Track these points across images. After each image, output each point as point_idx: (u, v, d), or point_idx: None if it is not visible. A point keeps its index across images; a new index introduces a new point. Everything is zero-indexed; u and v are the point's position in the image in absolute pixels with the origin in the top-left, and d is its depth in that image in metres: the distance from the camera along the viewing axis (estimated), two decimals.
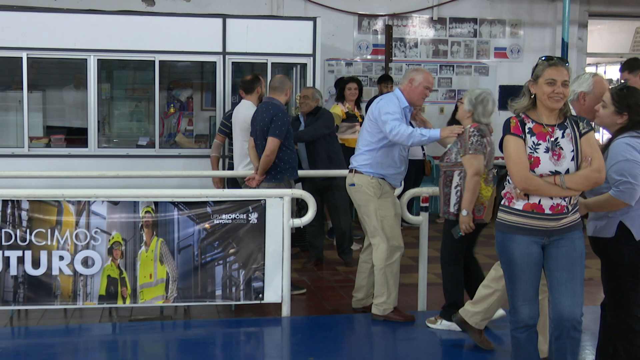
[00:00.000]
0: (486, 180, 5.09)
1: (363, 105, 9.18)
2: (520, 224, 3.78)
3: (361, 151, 5.61)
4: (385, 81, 9.48)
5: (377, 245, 5.51)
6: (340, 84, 8.91)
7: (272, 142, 6.01)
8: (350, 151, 7.10)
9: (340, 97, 8.77)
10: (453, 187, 5.10)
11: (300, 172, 6.88)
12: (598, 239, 4.02)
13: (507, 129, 3.79)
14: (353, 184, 5.59)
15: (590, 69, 12.73)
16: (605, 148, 3.98)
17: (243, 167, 6.85)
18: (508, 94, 10.78)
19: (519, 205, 3.78)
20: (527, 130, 3.76)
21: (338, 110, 8.52)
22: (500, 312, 5.33)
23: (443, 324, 5.28)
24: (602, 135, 8.12)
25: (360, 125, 8.58)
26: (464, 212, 4.99)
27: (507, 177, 3.88)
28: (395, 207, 5.60)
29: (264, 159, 6.05)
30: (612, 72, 12.23)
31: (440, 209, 5.35)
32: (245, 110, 6.80)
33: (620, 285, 3.96)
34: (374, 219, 5.50)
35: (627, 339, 3.95)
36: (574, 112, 4.24)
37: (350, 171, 5.65)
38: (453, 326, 5.22)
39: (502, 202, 3.90)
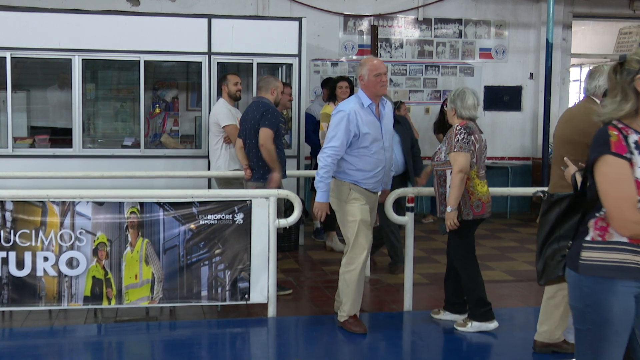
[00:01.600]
0: (479, 176, 5.17)
1: None
2: (630, 262, 2.75)
3: None
4: None
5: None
6: (331, 83, 8.86)
7: (263, 132, 6.00)
8: None
9: (331, 97, 8.73)
10: (447, 186, 5.15)
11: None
12: None
13: (604, 145, 2.69)
14: None
15: (574, 70, 12.83)
16: None
17: (214, 163, 7.20)
18: (493, 94, 10.99)
19: (623, 237, 2.75)
20: (633, 146, 2.69)
21: (329, 110, 8.43)
22: None
23: (474, 326, 5.21)
24: None
25: None
26: (448, 209, 5.04)
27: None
28: (362, 213, 5.18)
29: (262, 150, 6.05)
30: None
31: (437, 209, 5.33)
32: (214, 108, 7.25)
33: None
34: (345, 224, 5.27)
35: None
36: None
37: None
38: (484, 326, 5.19)
39: (587, 237, 2.84)
